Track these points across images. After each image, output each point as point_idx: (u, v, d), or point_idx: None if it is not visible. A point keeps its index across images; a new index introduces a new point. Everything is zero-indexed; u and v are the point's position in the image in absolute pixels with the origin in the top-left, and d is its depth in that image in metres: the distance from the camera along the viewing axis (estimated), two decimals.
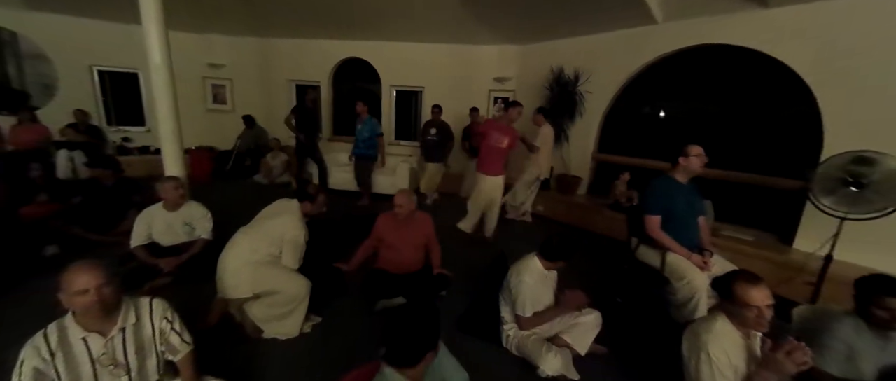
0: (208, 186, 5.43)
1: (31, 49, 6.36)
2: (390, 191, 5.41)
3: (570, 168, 5.07)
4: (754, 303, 1.33)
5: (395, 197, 2.52)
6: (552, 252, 2.02)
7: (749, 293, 1.34)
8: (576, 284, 2.64)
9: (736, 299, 1.37)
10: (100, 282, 1.24)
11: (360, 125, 4.87)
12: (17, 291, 2.50)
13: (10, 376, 1.21)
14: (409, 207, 2.51)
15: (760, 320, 1.34)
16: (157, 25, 2.93)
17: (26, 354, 1.21)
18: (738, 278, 1.40)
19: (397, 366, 1.08)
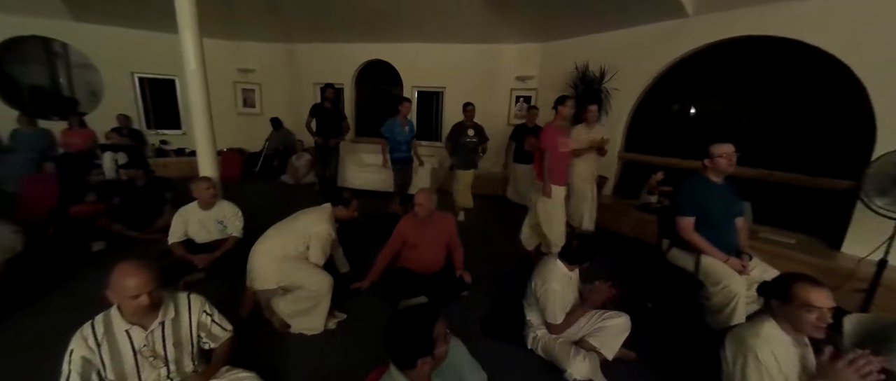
0: (238, 187, 5.64)
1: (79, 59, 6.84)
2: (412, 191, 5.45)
3: None
4: (817, 304, 1.25)
5: (416, 196, 2.54)
6: (573, 256, 1.99)
7: (811, 295, 1.26)
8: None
9: (795, 300, 1.28)
10: (151, 286, 1.31)
11: (406, 127, 4.41)
12: (68, 283, 2.68)
13: (58, 360, 1.29)
14: (430, 206, 2.52)
15: (820, 323, 1.26)
16: (192, 33, 3.08)
17: (75, 343, 1.29)
18: (799, 279, 1.33)
19: (397, 367, 1.13)
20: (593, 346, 1.94)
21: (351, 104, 6.96)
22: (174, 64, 6.13)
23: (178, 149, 6.61)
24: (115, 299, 1.30)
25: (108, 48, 6.01)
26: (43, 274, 2.64)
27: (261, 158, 6.64)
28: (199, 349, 1.55)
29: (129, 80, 6.33)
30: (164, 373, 1.44)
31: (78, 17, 5.46)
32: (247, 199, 3.16)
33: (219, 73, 5.95)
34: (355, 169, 5.80)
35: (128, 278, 1.28)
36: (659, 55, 4.25)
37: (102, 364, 1.32)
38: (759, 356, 1.28)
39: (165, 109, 6.84)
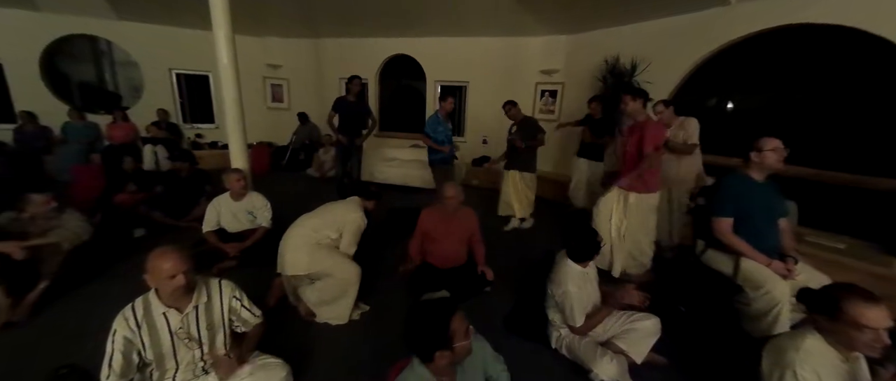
0: (267, 179, 5.82)
1: (123, 56, 7.25)
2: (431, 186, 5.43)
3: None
4: (871, 325, 1.12)
5: (446, 189, 2.53)
6: (577, 254, 1.94)
7: (865, 313, 1.12)
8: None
9: (845, 318, 1.16)
10: (186, 267, 1.37)
11: (450, 124, 4.16)
12: (113, 266, 2.86)
13: (103, 338, 1.36)
14: (459, 199, 2.52)
15: (875, 344, 1.14)
16: (224, 30, 3.17)
17: (118, 324, 1.37)
18: (850, 293, 1.19)
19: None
20: (621, 348, 1.87)
21: (375, 99, 7.02)
22: (208, 60, 6.36)
23: (212, 142, 6.90)
24: (152, 282, 1.36)
25: (148, 45, 6.32)
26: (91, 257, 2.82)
27: (288, 151, 6.83)
28: (232, 332, 1.60)
29: (167, 76, 6.65)
30: (198, 354, 1.51)
31: (122, 15, 5.77)
32: (274, 191, 3.26)
33: (249, 68, 6.13)
34: (379, 164, 5.86)
35: (163, 260, 1.34)
36: (696, 46, 4.02)
37: (142, 344, 1.39)
38: (798, 372, 1.18)
39: (200, 103, 7.15)
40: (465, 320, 1.14)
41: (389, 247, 3.32)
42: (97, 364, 1.37)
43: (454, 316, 1.13)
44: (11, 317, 2.13)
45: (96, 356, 1.47)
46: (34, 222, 2.39)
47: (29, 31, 5.59)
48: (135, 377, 1.41)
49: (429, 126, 4.10)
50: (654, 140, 2.64)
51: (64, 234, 2.43)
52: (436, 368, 1.15)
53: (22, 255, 2.21)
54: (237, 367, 1.52)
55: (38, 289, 2.26)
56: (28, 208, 2.37)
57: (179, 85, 6.86)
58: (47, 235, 2.37)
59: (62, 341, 2.04)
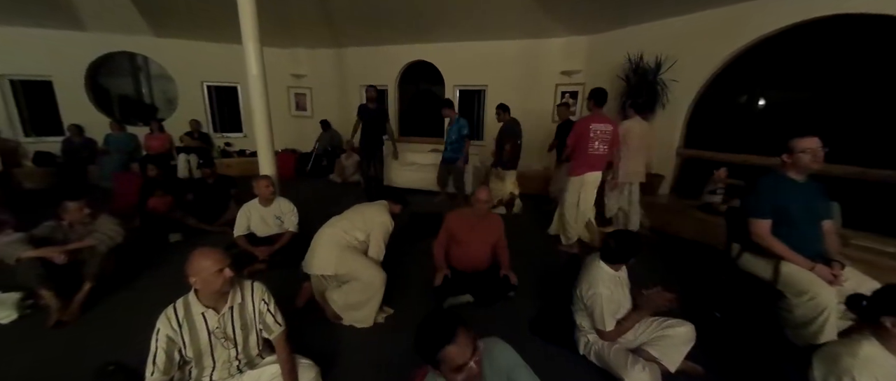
0: (292, 185, 6.00)
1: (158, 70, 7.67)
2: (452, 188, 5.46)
3: (650, 165, 4.62)
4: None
5: (479, 193, 2.53)
6: (613, 255, 1.87)
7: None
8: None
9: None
10: (227, 263, 1.44)
11: (450, 127, 4.80)
12: (151, 268, 3.01)
13: (144, 335, 1.43)
14: (491, 203, 2.53)
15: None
16: (254, 43, 3.31)
17: (161, 323, 1.43)
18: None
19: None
20: (653, 356, 1.81)
21: (395, 105, 7.13)
22: (237, 72, 6.65)
23: (240, 150, 7.18)
24: (198, 281, 1.42)
25: (181, 60, 6.67)
26: (132, 260, 2.99)
27: (312, 158, 7.02)
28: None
29: (199, 88, 6.99)
30: (233, 354, 1.56)
31: (158, 33, 6.12)
32: (299, 196, 3.35)
33: (275, 78, 6.36)
34: (400, 168, 5.93)
35: (205, 259, 1.41)
36: (725, 41, 3.89)
37: (183, 343, 1.45)
38: (857, 380, 1.12)
39: (229, 113, 7.47)
40: (466, 348, 1.00)
41: (411, 251, 3.35)
42: (140, 360, 1.44)
43: (447, 346, 1.00)
44: (62, 317, 2.27)
45: (139, 352, 1.55)
46: (73, 229, 2.53)
47: (76, 50, 6.01)
48: (175, 375, 1.48)
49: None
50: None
51: (99, 237, 2.55)
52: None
53: (62, 259, 2.33)
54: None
55: (84, 290, 2.40)
56: (66, 215, 2.52)
57: (210, 96, 7.19)
58: (85, 238, 2.51)
59: (108, 338, 2.16)
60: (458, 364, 0.99)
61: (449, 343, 1.00)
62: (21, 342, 2.12)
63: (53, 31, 5.74)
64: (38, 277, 2.25)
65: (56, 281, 2.31)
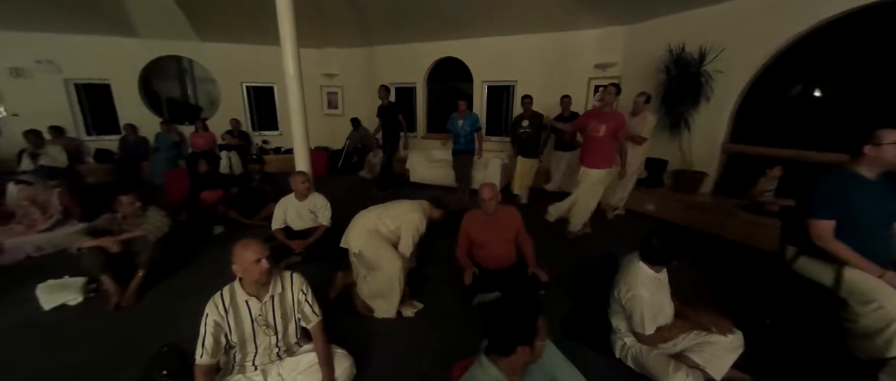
0: (324, 181, 6.19)
1: (202, 73, 8.14)
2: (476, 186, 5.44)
3: (691, 162, 4.38)
4: None
5: (483, 190, 2.49)
6: (655, 256, 1.76)
7: None
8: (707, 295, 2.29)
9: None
10: (266, 253, 1.51)
11: (461, 121, 4.91)
12: (198, 258, 3.21)
13: (190, 319, 1.53)
14: (497, 199, 2.49)
15: None
16: (291, 44, 3.43)
17: (209, 309, 1.52)
18: None
19: (492, 353, 1.16)
20: (697, 363, 1.71)
21: (422, 103, 7.17)
22: (274, 72, 6.93)
23: (275, 148, 7.49)
24: (240, 270, 1.50)
25: (223, 62, 7.03)
26: (181, 251, 3.20)
27: (343, 155, 7.20)
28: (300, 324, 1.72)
29: (238, 88, 7.34)
30: (273, 340, 1.63)
31: (203, 37, 6.49)
32: (331, 192, 3.45)
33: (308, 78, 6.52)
34: (425, 164, 5.98)
35: (247, 249, 1.49)
36: (779, 28, 3.59)
37: (229, 328, 1.54)
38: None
39: (266, 112, 7.80)
40: (545, 323, 1.16)
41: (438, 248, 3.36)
42: (189, 342, 1.54)
43: (541, 315, 1.15)
44: (120, 301, 2.47)
45: (187, 334, 1.66)
46: (126, 220, 2.75)
47: (130, 55, 6.49)
48: (221, 359, 1.57)
49: (449, 124, 5.06)
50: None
51: (148, 227, 2.76)
52: (509, 365, 1.15)
53: (116, 248, 2.54)
54: None
55: (138, 277, 2.60)
56: (119, 208, 2.74)
57: (248, 96, 7.54)
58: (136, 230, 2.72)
59: (160, 321, 2.33)
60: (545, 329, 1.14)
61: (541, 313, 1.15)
62: (87, 322, 2.33)
63: (111, 38, 6.22)
64: (98, 264, 2.46)
65: (114, 268, 2.52)
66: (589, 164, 3.51)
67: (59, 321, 2.34)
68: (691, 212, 3.99)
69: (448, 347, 2.07)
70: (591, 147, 3.48)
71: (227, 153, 6.21)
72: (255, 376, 1.61)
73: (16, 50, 5.86)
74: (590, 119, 3.54)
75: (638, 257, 1.81)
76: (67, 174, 4.93)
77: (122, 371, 1.82)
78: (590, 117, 3.57)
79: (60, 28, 5.82)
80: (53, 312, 2.42)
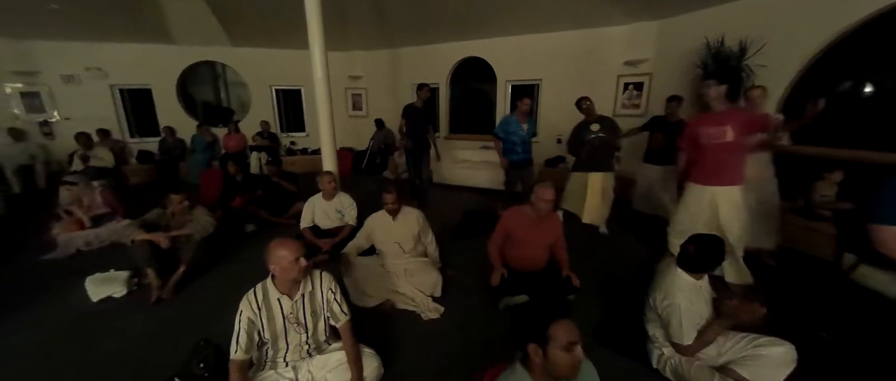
0: (348, 182, 6.28)
1: (234, 77, 8.47)
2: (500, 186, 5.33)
3: None
4: None
5: (542, 192, 2.33)
6: (692, 263, 1.66)
7: None
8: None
9: None
10: (301, 252, 1.55)
11: (525, 125, 3.95)
12: (230, 256, 3.32)
13: (225, 314, 1.57)
14: (553, 204, 2.37)
15: None
16: (319, 47, 3.51)
17: (243, 306, 1.56)
18: None
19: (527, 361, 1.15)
20: (743, 376, 1.59)
21: (445, 103, 7.16)
22: (301, 76, 7.15)
23: (303, 149, 7.69)
24: (277, 269, 1.53)
25: (254, 67, 7.29)
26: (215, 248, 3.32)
27: (366, 155, 7.31)
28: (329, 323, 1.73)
29: (268, 91, 7.59)
30: (303, 338, 1.65)
31: (236, 43, 6.75)
32: (356, 192, 3.49)
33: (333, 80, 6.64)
34: (451, 165, 5.96)
35: (283, 248, 1.51)
36: (830, 18, 3.33)
37: (261, 325, 1.57)
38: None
39: (293, 114, 8.03)
40: (575, 335, 1.09)
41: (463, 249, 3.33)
42: (223, 336, 1.58)
43: (561, 322, 1.11)
44: (161, 295, 2.59)
45: (221, 329, 1.71)
46: (174, 218, 2.89)
47: (169, 62, 6.84)
48: (254, 355, 1.60)
49: (500, 128, 4.04)
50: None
51: (195, 226, 2.89)
52: (535, 370, 1.12)
53: (166, 243, 2.70)
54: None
55: (179, 272, 2.72)
56: (169, 205, 2.88)
57: (277, 99, 7.78)
58: (184, 227, 2.85)
59: (196, 315, 2.43)
60: (570, 341, 1.07)
61: (563, 320, 1.11)
62: (130, 314, 2.45)
63: (151, 45, 6.58)
64: (146, 257, 2.60)
65: (158, 263, 2.65)
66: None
67: (105, 312, 2.48)
68: None
69: (475, 349, 2.05)
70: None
71: (258, 154, 6.43)
72: (286, 372, 1.63)
73: (67, 58, 6.31)
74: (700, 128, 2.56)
75: (675, 264, 1.72)
76: (114, 174, 5.24)
77: (162, 363, 1.90)
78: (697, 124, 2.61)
79: (107, 37, 6.21)
80: (101, 303, 2.57)
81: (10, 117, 6.14)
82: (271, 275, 1.58)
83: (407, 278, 2.55)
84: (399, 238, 2.66)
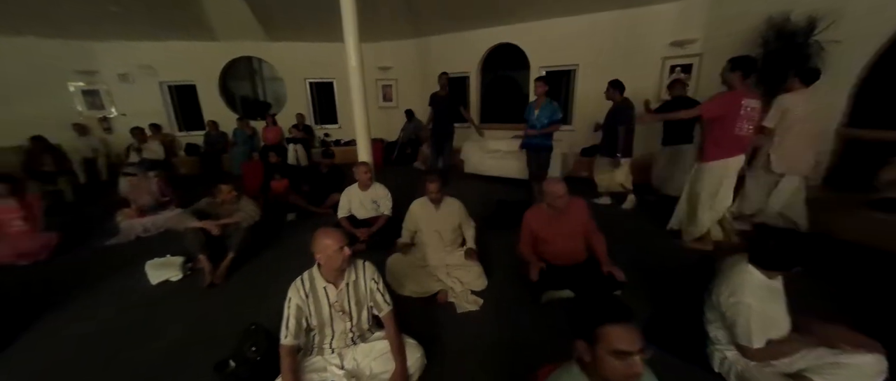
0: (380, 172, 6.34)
1: (270, 72, 8.75)
2: None
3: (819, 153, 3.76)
4: None
5: (553, 186, 2.26)
6: (769, 260, 1.50)
7: None
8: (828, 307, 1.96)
9: None
10: (345, 242, 1.55)
11: (538, 110, 4.06)
12: (273, 244, 3.45)
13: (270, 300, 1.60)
14: (566, 197, 2.25)
15: None
16: (353, 37, 3.51)
17: (292, 293, 1.59)
18: None
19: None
20: None
21: (476, 92, 7.03)
22: (333, 68, 7.26)
23: (335, 140, 7.85)
24: (322, 258, 1.55)
25: (289, 61, 7.48)
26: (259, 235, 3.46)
27: (397, 146, 7.35)
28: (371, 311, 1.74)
29: (302, 85, 7.78)
30: (348, 326, 1.68)
31: (273, 38, 6.94)
32: (387, 183, 3.50)
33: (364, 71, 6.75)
34: (481, 155, 5.86)
35: (328, 238, 1.53)
36: None
37: (309, 312, 1.60)
38: None
39: (326, 106, 8.20)
40: (631, 342, 0.94)
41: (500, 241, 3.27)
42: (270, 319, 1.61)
43: (617, 325, 0.97)
44: (213, 279, 2.73)
45: (267, 312, 1.76)
46: (223, 206, 3.03)
47: (211, 58, 7.15)
48: (301, 340, 1.64)
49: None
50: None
51: (242, 215, 3.02)
52: (590, 371, 1.04)
53: (217, 231, 2.84)
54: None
55: (228, 258, 2.86)
56: (219, 195, 3.01)
57: (311, 92, 7.96)
58: (232, 216, 2.98)
59: (244, 299, 2.53)
60: (620, 349, 0.94)
61: (618, 322, 0.97)
62: (185, 297, 2.61)
63: (196, 43, 6.90)
64: (199, 243, 2.75)
65: (210, 250, 2.79)
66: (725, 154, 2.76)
67: (163, 295, 2.65)
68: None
69: (517, 342, 2.01)
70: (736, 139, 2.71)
71: (294, 146, 6.63)
72: (332, 358, 1.66)
73: (122, 57, 6.75)
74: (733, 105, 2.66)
75: (746, 260, 1.57)
76: (165, 166, 5.59)
77: (215, 345, 2.00)
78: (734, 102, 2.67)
79: (156, 36, 6.57)
80: (159, 286, 2.75)
81: (74, 114, 6.67)
82: (317, 264, 1.60)
83: (448, 271, 2.53)
84: (440, 227, 2.63)
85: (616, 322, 0.98)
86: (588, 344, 1.01)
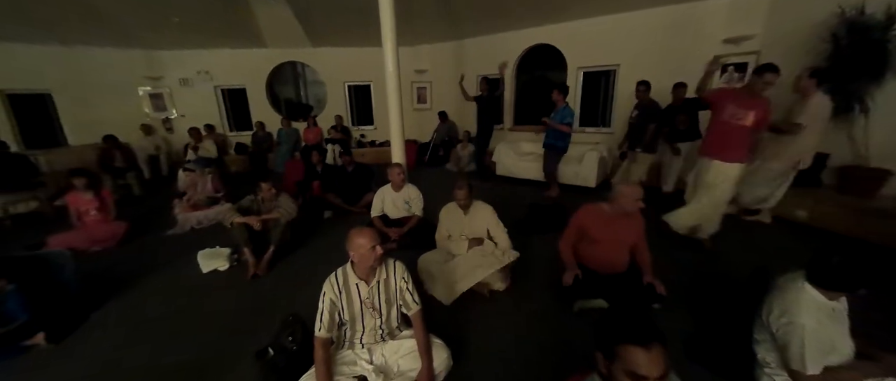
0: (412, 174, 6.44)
1: (312, 76, 9.19)
2: (575, 181, 5.06)
3: (867, 156, 3.39)
4: None
5: (627, 190, 2.15)
6: (830, 279, 1.35)
7: None
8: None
9: None
10: (377, 241, 1.60)
11: (554, 114, 4.63)
12: (311, 240, 3.61)
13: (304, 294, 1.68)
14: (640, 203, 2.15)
15: None
16: (391, 42, 3.61)
17: (326, 287, 1.66)
18: None
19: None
20: None
21: (511, 93, 6.95)
22: (370, 72, 7.48)
23: (371, 141, 8.09)
24: (356, 256, 1.61)
25: (330, 65, 7.82)
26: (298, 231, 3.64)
27: (430, 148, 7.43)
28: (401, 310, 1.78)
29: (342, 88, 8.10)
30: (378, 323, 1.72)
31: (315, 43, 7.29)
32: (419, 184, 3.55)
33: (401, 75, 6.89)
34: (513, 157, 5.79)
35: (361, 237, 1.59)
36: None
37: (342, 307, 1.66)
38: None
39: (363, 108, 8.47)
40: (651, 368, 0.89)
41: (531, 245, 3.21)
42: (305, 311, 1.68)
43: (639, 346, 0.92)
44: (256, 271, 2.91)
45: (304, 304, 1.84)
46: (264, 203, 3.22)
47: (260, 63, 7.64)
48: (334, 334, 1.71)
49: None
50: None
51: (282, 211, 3.19)
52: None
53: (258, 226, 3.03)
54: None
55: (270, 252, 3.04)
56: (259, 192, 3.20)
57: (349, 94, 8.26)
58: (272, 212, 3.16)
59: (284, 291, 2.68)
60: (636, 372, 0.90)
61: (640, 345, 0.92)
62: (232, 286, 2.81)
63: (246, 50, 7.41)
64: (243, 237, 2.95)
65: (253, 243, 2.98)
66: (726, 157, 2.86)
67: (211, 283, 2.87)
68: (866, 220, 3.09)
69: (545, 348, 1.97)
70: (730, 136, 2.82)
71: (332, 146, 6.91)
72: (362, 353, 1.72)
73: (183, 64, 7.40)
74: (728, 100, 2.83)
75: (803, 278, 1.43)
76: (218, 164, 6.04)
77: (257, 332, 2.13)
78: (728, 97, 2.85)
79: (212, 44, 7.14)
80: (209, 275, 2.98)
81: (141, 115, 7.40)
82: (351, 261, 1.66)
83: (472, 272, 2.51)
84: (468, 232, 2.64)
85: (638, 344, 0.92)
86: (606, 359, 0.98)
